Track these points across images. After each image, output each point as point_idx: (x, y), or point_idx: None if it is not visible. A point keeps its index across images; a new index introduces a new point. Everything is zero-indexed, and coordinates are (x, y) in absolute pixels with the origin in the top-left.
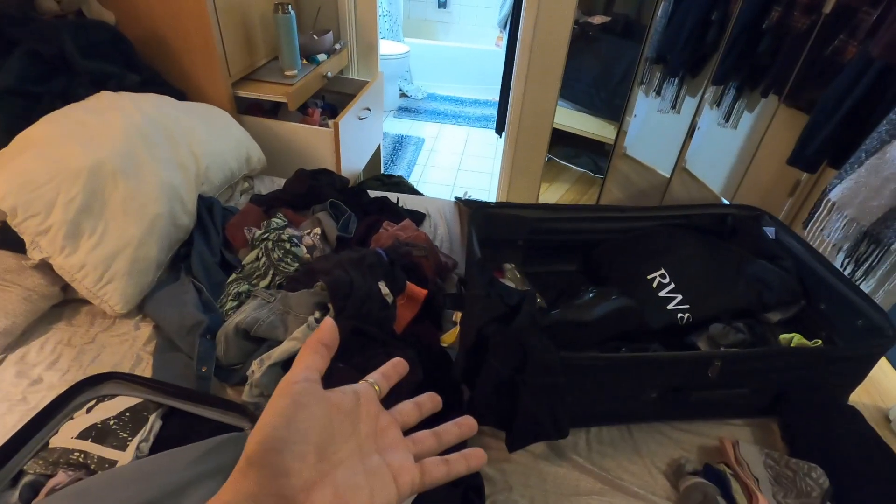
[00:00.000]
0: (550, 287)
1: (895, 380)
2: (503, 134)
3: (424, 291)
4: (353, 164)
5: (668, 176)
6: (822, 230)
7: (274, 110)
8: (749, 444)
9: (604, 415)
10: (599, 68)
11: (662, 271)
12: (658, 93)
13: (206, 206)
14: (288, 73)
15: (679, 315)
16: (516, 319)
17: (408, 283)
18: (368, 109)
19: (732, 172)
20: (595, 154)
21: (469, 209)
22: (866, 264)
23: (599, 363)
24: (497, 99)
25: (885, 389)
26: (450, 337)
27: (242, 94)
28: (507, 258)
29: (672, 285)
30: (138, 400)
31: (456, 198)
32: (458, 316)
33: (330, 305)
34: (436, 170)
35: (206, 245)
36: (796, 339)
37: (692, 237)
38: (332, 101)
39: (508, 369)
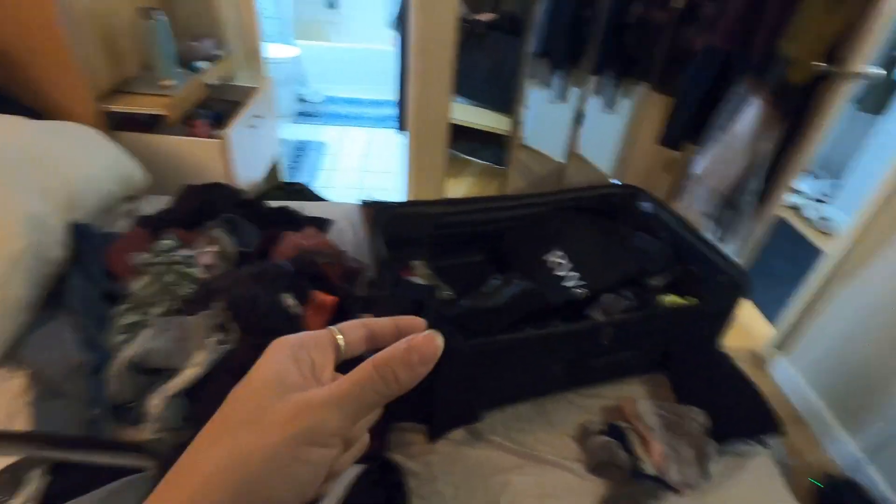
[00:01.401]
0: (460, 278)
1: (764, 325)
2: (404, 133)
3: (334, 298)
4: (248, 174)
5: (563, 162)
6: (691, 201)
7: (152, 124)
8: (643, 399)
9: (516, 393)
10: (491, 64)
11: (559, 252)
12: (547, 85)
13: (82, 233)
14: (164, 83)
15: (576, 291)
16: (421, 314)
17: (315, 291)
18: (260, 117)
19: (618, 155)
20: (496, 146)
21: (373, 211)
22: (727, 227)
23: (505, 345)
24: (395, 98)
25: (757, 333)
26: None
27: (114, 108)
28: (416, 255)
29: (568, 264)
30: (12, 459)
31: (362, 201)
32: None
33: (232, 325)
34: (341, 173)
35: (84, 277)
36: (674, 299)
37: (583, 218)
38: (220, 110)
39: None
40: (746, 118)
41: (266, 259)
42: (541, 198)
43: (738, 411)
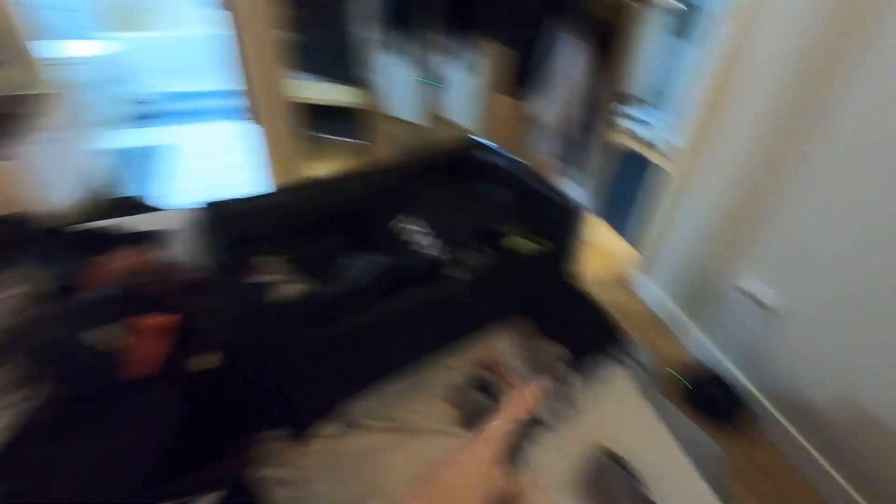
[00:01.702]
0: (322, 266)
1: (626, 249)
2: (252, 121)
3: (171, 317)
4: (57, 196)
5: (429, 127)
6: (542, 146)
7: None
8: (508, 345)
9: (388, 370)
10: (335, 35)
11: (415, 219)
12: (399, 51)
13: None
14: None
15: (435, 256)
16: (258, 315)
17: (142, 316)
18: (59, 129)
19: (478, 111)
20: (360, 122)
21: (208, 212)
22: (576, 164)
23: (364, 326)
24: (237, 86)
25: (621, 257)
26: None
27: None
28: (269, 251)
29: (425, 230)
30: None
31: (206, 203)
32: None
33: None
34: (193, 176)
35: None
36: (525, 242)
37: (435, 178)
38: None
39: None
40: (573, 59)
41: (80, 290)
42: (390, 165)
43: (587, 333)
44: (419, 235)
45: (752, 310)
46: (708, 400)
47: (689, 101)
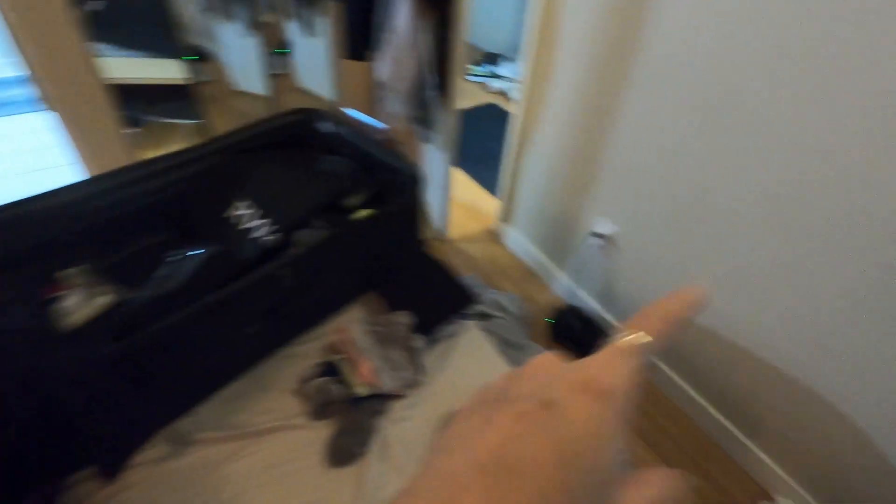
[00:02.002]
0: (140, 269)
1: (492, 203)
2: (49, 110)
3: None
4: None
5: (278, 99)
6: (388, 108)
7: None
8: (356, 322)
9: (217, 375)
10: (148, 2)
11: (242, 202)
12: (233, 15)
13: None
14: None
15: (267, 239)
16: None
17: None
18: None
19: (331, 78)
20: (198, 100)
21: None
22: (425, 124)
23: (166, 330)
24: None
25: (486, 212)
26: None
27: None
28: (71, 261)
29: (255, 212)
30: None
31: None
32: None
33: None
34: None
35: None
36: (363, 213)
37: (266, 155)
38: None
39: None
40: (402, 14)
41: None
42: (216, 144)
43: (439, 299)
44: (249, 219)
45: (600, 245)
46: (571, 333)
47: (523, 49)
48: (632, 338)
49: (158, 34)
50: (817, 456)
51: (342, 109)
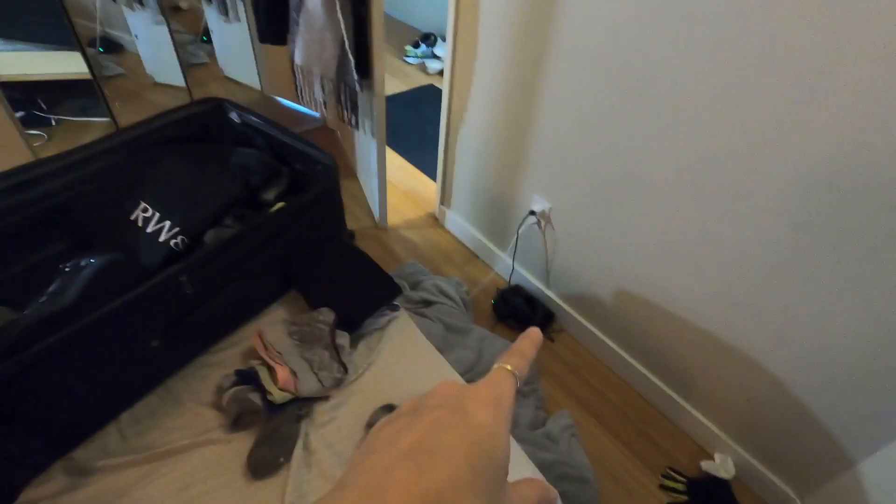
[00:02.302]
0: (37, 284)
1: (432, 188)
2: None
3: None
4: None
5: (196, 87)
6: (309, 93)
7: None
8: (276, 324)
9: (121, 393)
10: None
11: (143, 204)
12: (139, 2)
13: None
14: None
15: (173, 242)
16: None
17: None
18: None
19: (255, 64)
20: (108, 95)
21: None
22: (351, 109)
23: (45, 352)
24: None
25: (427, 197)
26: None
27: None
28: None
29: (158, 214)
30: None
31: None
32: None
33: None
34: None
35: None
36: (280, 205)
37: (168, 152)
38: None
39: None
40: None
41: None
42: (116, 140)
43: (364, 292)
44: (152, 222)
45: (537, 223)
46: (514, 312)
47: (447, 28)
48: (510, 368)
49: (53, 25)
50: (741, 409)
51: (272, 97)
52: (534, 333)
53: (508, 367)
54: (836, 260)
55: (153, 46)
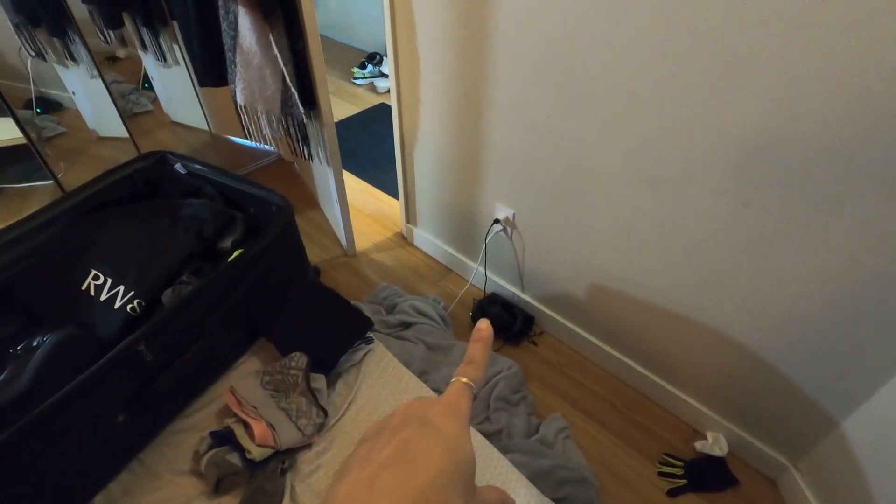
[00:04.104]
0: None
1: (397, 207)
2: None
3: None
4: None
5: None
6: (258, 132)
7: None
8: (246, 377)
9: (90, 476)
10: None
11: (94, 271)
12: (72, 58)
13: None
14: None
15: (129, 307)
16: None
17: None
18: None
19: (199, 106)
20: (47, 155)
21: None
22: (302, 141)
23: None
24: None
25: (393, 217)
26: None
27: None
28: None
29: (109, 280)
30: None
31: None
32: None
33: None
34: None
35: None
36: (236, 254)
37: (113, 213)
38: None
39: None
40: (245, 31)
41: None
42: (60, 207)
43: (336, 330)
44: (105, 289)
45: (501, 230)
46: (494, 321)
47: (387, 46)
48: (465, 381)
49: None
50: (724, 385)
51: (223, 136)
52: (483, 333)
53: (464, 380)
54: (786, 229)
55: (92, 101)
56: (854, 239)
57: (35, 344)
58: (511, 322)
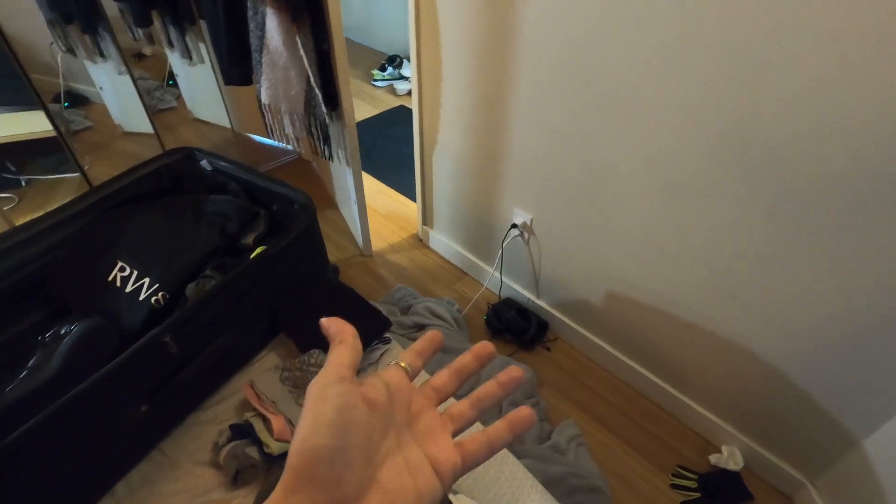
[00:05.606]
0: (17, 358)
1: (413, 209)
2: None
3: None
4: None
5: (165, 133)
6: (280, 131)
7: None
8: (264, 371)
9: (113, 464)
10: None
11: (120, 263)
12: (101, 54)
13: None
14: None
15: (153, 300)
16: None
17: None
18: None
19: (223, 104)
20: (75, 150)
21: None
22: (323, 141)
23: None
24: None
25: (409, 219)
26: None
27: None
28: None
29: (135, 272)
30: None
31: None
32: None
33: None
34: None
35: None
36: (259, 250)
37: (140, 207)
38: None
39: None
40: (272, 31)
41: None
42: (88, 201)
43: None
44: (130, 281)
45: (519, 235)
46: (508, 325)
47: (410, 49)
48: (403, 364)
49: (14, 86)
50: (740, 398)
51: (241, 134)
52: (431, 333)
53: (402, 364)
54: (810, 240)
55: (118, 96)
56: (882, 251)
57: (63, 332)
58: (525, 327)
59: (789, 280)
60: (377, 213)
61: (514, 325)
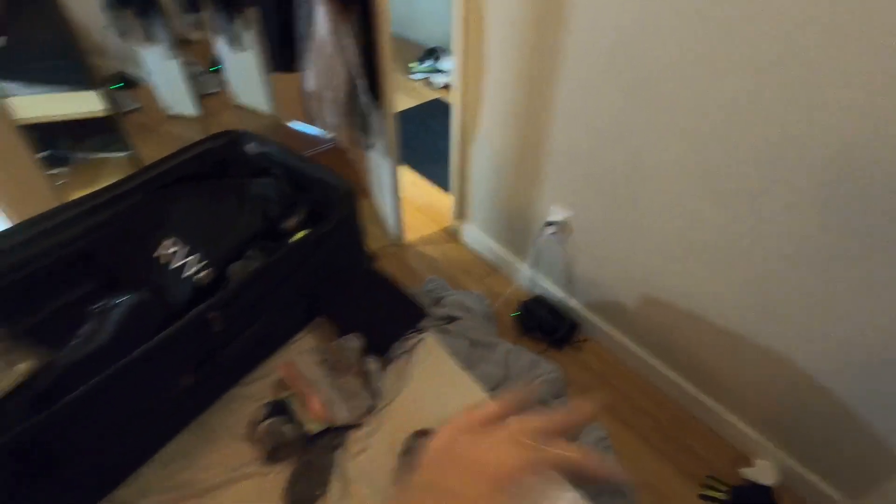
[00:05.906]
0: (67, 326)
1: (446, 201)
2: None
3: None
4: None
5: (212, 118)
6: (322, 118)
7: None
8: (305, 353)
9: (156, 432)
10: (50, 34)
11: (168, 240)
12: (151, 39)
13: None
14: None
15: (196, 278)
16: None
17: None
18: None
19: (266, 90)
20: (126, 130)
21: None
22: (364, 130)
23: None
24: None
25: (442, 212)
26: None
27: None
28: None
29: (182, 250)
30: None
31: None
32: None
33: None
34: None
35: None
36: (299, 235)
37: (186, 188)
38: None
39: None
40: (320, 20)
41: None
42: (137, 180)
43: (390, 316)
44: (178, 257)
45: (557, 233)
46: (538, 323)
47: (454, 42)
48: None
49: (70, 67)
50: (778, 410)
51: (280, 121)
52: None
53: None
54: (864, 255)
55: (166, 80)
56: None
57: (112, 304)
58: (556, 326)
59: (840, 296)
60: (410, 204)
61: (546, 324)
